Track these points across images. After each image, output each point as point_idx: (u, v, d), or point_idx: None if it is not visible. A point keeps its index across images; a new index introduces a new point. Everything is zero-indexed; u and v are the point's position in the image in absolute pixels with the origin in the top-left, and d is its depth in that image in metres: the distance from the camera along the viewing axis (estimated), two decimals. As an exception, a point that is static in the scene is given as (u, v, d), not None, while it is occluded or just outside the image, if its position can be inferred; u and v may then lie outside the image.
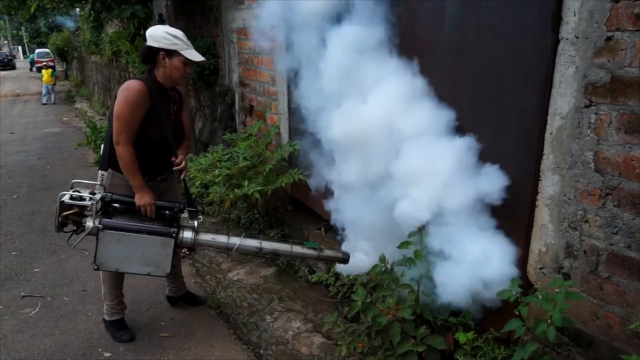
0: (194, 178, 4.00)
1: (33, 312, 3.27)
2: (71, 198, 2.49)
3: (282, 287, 3.45)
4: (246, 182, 3.64)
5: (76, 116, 12.95)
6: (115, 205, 2.59)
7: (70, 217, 2.51)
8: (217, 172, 3.79)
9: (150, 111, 2.57)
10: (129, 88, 2.53)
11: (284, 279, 3.58)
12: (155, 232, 2.58)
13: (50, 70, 16.02)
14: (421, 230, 2.36)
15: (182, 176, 2.79)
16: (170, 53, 2.57)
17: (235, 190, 3.65)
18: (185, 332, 3.02)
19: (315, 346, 2.78)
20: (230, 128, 5.16)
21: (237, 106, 5.05)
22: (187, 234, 2.66)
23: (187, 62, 2.61)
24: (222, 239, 2.75)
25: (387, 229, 2.54)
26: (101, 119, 11.41)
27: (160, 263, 2.62)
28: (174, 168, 2.74)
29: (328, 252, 2.89)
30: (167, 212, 2.64)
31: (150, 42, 2.57)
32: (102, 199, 2.55)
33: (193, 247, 2.84)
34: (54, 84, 16.40)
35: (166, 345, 2.89)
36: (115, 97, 2.58)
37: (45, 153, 8.37)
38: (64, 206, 2.51)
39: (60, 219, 2.52)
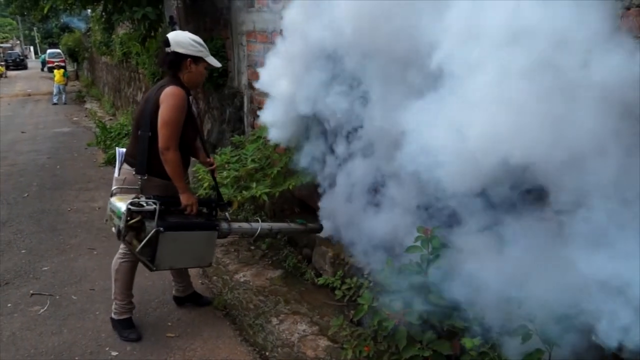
0: (202, 179, 4.02)
1: (42, 310, 3.30)
2: (132, 205, 2.53)
3: (289, 290, 3.46)
4: (254, 184, 3.66)
5: (86, 116, 13.07)
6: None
7: (133, 225, 2.55)
8: (225, 173, 3.80)
9: (188, 115, 2.68)
10: (175, 95, 2.60)
11: (290, 281, 3.59)
12: (203, 227, 2.79)
13: (62, 71, 16.18)
14: (428, 232, 2.37)
15: (215, 174, 3.12)
16: (197, 59, 2.70)
17: (243, 192, 3.66)
18: (192, 333, 3.03)
19: (320, 349, 2.78)
20: (239, 130, 5.18)
21: (245, 108, 5.07)
22: (224, 225, 2.95)
23: (207, 67, 2.77)
24: (246, 225, 3.20)
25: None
26: (111, 119, 11.51)
27: (206, 255, 2.88)
28: (209, 168, 3.05)
29: (310, 225, 3.55)
30: (205, 208, 2.88)
31: (176, 49, 2.65)
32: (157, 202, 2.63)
33: (227, 235, 3.10)
34: (66, 84, 16.56)
35: (172, 345, 2.91)
36: (153, 103, 2.61)
37: (56, 152, 8.45)
38: (129, 214, 2.54)
39: (126, 227, 2.54)
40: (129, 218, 2.52)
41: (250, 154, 3.90)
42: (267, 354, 2.81)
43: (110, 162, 7.40)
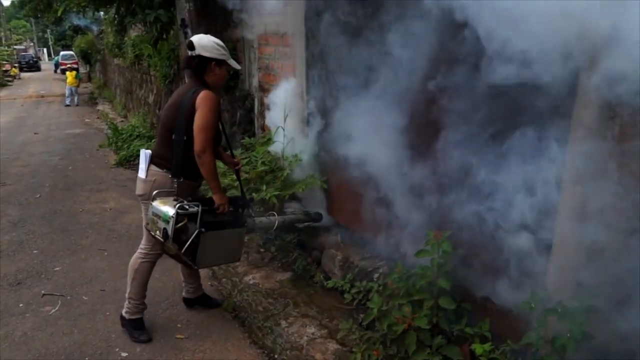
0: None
1: (53, 311, 3.32)
2: (180, 208, 2.59)
3: (298, 293, 3.46)
4: (264, 187, 3.67)
5: (98, 118, 13.18)
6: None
7: (180, 227, 2.60)
8: (235, 176, 3.82)
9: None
10: (211, 98, 2.65)
11: (299, 284, 3.58)
12: (235, 224, 2.90)
13: (74, 72, 16.32)
14: (439, 236, 2.36)
15: (241, 173, 3.19)
16: (220, 62, 2.75)
17: (253, 194, 3.67)
18: (201, 335, 3.04)
19: (329, 353, 2.77)
20: (249, 132, 5.19)
21: (256, 110, 5.09)
22: (250, 221, 3.08)
23: (228, 69, 2.83)
24: (265, 220, 3.32)
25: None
26: (122, 121, 11.59)
27: (236, 251, 2.99)
28: (236, 167, 3.14)
29: (311, 215, 3.77)
30: (231, 206, 2.92)
31: (201, 52, 2.69)
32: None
33: (253, 231, 3.25)
34: (78, 86, 16.70)
35: (182, 347, 2.91)
36: (189, 107, 2.64)
37: (67, 154, 8.53)
38: (178, 218, 2.59)
39: (175, 230, 2.59)
40: (177, 222, 2.58)
41: (260, 156, 3.91)
42: (275, 356, 2.81)
43: (122, 163, 7.46)
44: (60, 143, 9.52)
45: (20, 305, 3.40)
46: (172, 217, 2.55)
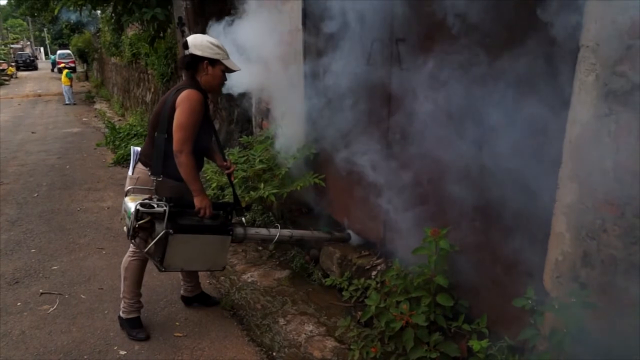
0: (210, 180, 4.04)
1: (51, 309, 3.32)
2: (142, 206, 2.53)
3: (296, 290, 3.46)
4: (262, 185, 3.67)
5: (95, 117, 13.16)
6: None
7: (143, 225, 2.56)
8: (233, 174, 3.82)
9: (203, 118, 2.69)
10: (192, 98, 2.61)
11: (297, 282, 3.59)
12: (216, 230, 2.76)
13: (65, 71, 16.43)
14: (436, 234, 2.36)
15: (232, 178, 3.09)
16: (214, 62, 2.70)
17: (251, 192, 3.68)
18: (200, 333, 3.04)
19: (327, 350, 2.78)
20: (247, 131, 5.20)
21: (254, 109, 5.09)
22: (239, 230, 2.90)
23: (226, 70, 2.76)
24: (264, 231, 3.10)
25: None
26: (120, 120, 11.58)
27: (219, 258, 2.86)
28: (227, 171, 3.02)
29: (336, 235, 3.47)
30: (221, 212, 2.82)
31: (193, 51, 2.67)
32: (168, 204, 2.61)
33: (242, 241, 3.03)
34: (71, 85, 16.73)
35: (180, 345, 2.92)
36: (170, 105, 2.63)
37: (65, 153, 8.52)
38: (138, 215, 2.54)
39: (135, 228, 2.56)
40: (137, 218, 2.53)
41: (258, 154, 3.91)
42: (274, 354, 2.82)
43: (119, 162, 7.46)
44: (57, 142, 9.51)
45: (19, 304, 3.40)
46: (133, 213, 2.51)
